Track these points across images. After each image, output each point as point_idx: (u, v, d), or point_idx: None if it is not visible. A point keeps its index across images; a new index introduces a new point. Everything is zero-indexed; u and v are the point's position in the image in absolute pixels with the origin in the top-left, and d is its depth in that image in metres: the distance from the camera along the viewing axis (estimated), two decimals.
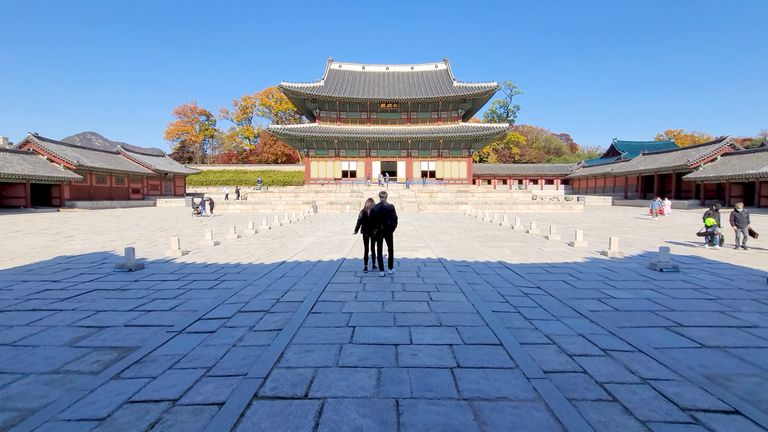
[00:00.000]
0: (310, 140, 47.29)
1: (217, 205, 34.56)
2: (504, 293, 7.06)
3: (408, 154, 48.57)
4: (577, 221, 23.99)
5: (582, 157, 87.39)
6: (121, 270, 9.05)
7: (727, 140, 41.90)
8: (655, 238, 15.80)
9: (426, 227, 19.55)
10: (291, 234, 17.10)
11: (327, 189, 43.28)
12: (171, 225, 21.60)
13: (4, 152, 34.37)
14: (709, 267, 9.67)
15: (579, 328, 5.24)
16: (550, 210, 34.84)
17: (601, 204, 49.44)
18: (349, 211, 33.37)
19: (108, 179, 44.47)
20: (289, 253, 11.75)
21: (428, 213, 32.01)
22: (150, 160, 52.59)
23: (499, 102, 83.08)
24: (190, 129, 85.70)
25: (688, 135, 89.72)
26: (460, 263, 10.02)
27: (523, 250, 12.42)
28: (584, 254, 11.54)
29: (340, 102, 48.09)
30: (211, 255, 11.44)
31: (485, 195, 41.27)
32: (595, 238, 15.33)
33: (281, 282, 7.91)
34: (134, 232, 17.71)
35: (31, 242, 14.30)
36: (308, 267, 9.51)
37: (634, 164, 52.83)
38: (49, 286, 7.73)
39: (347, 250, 12.13)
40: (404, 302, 6.43)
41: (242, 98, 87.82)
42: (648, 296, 6.95)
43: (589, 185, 64.42)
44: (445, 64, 54.09)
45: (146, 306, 6.38)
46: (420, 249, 12.33)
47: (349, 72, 54.13)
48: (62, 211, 33.86)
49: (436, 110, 49.20)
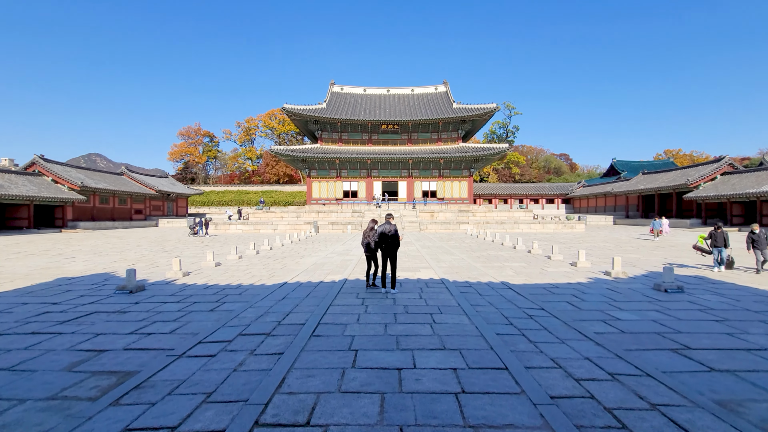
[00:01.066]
0: (312, 161, 47.77)
1: (219, 225, 34.74)
2: (508, 315, 6.98)
3: (409, 174, 48.92)
4: (579, 241, 23.90)
5: (582, 177, 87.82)
6: (122, 292, 9.00)
7: (726, 160, 42.18)
8: (658, 257, 15.70)
9: (428, 247, 19.50)
10: (292, 254, 17.06)
11: (328, 209, 43.42)
12: (173, 246, 21.59)
13: (9, 174, 34.76)
14: (714, 287, 9.57)
15: (585, 351, 5.16)
16: (552, 229, 34.78)
17: (603, 223, 49.36)
18: (350, 231, 33.35)
19: (111, 200, 44.75)
20: (290, 274, 11.70)
21: (429, 233, 31.98)
22: (153, 181, 53.04)
23: (499, 123, 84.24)
24: (193, 150, 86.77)
25: (686, 154, 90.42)
26: (463, 284, 9.94)
27: (526, 270, 12.34)
28: (587, 274, 11.45)
29: (342, 123, 48.81)
30: (212, 276, 11.39)
31: (486, 214, 41.30)
32: (598, 258, 15.25)
33: (283, 304, 7.85)
34: (136, 253, 17.69)
35: (32, 264, 14.28)
36: (310, 288, 9.45)
37: (634, 183, 53.04)
38: (49, 308, 7.68)
39: (349, 270, 12.07)
40: (407, 325, 6.36)
41: (245, 120, 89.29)
42: (654, 318, 6.86)
43: (590, 204, 64.50)
44: (444, 87, 55.15)
45: (146, 329, 6.31)
46: (422, 269, 12.26)
47: (350, 95, 55.19)
48: (64, 232, 33.93)
49: (436, 131, 49.85)
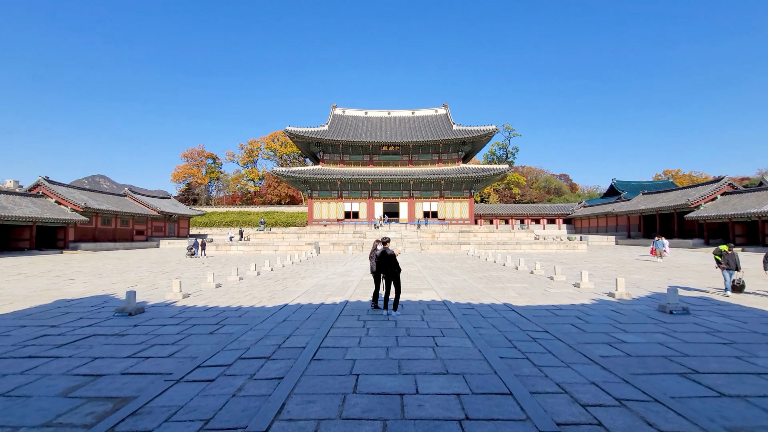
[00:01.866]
0: (314, 182, 48.13)
1: (220, 246, 34.78)
2: (511, 338, 6.87)
3: (410, 195, 49.16)
4: (581, 261, 23.76)
5: (582, 197, 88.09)
6: (121, 314, 8.92)
7: (725, 180, 42.39)
8: (661, 278, 15.56)
9: (429, 268, 19.38)
10: (293, 276, 16.96)
11: (330, 230, 43.43)
12: (173, 267, 21.52)
13: (13, 195, 35.05)
14: (720, 309, 9.45)
15: (591, 376, 5.05)
16: (554, 250, 34.62)
17: (605, 243, 49.16)
18: (351, 251, 33.25)
19: (113, 221, 44.91)
20: (291, 295, 11.61)
21: (431, 253, 31.85)
22: (155, 202, 53.36)
23: (499, 144, 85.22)
24: (196, 172, 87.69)
25: (686, 175, 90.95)
26: (465, 306, 9.84)
27: (529, 291, 12.23)
28: (591, 296, 11.33)
29: (344, 145, 49.44)
30: (212, 298, 11.30)
31: (488, 235, 41.22)
32: (601, 279, 15.12)
33: (283, 326, 7.76)
34: (136, 275, 17.61)
35: (32, 285, 14.21)
36: (311, 310, 9.35)
37: (635, 204, 53.14)
38: (46, 331, 7.59)
39: (350, 292, 11.97)
40: (409, 348, 6.26)
41: (248, 142, 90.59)
42: (660, 340, 6.75)
43: (591, 225, 64.42)
44: (444, 109, 56.11)
45: (145, 352, 6.22)
46: (424, 291, 12.16)
47: (352, 117, 56.13)
48: (65, 253, 33.90)
49: (437, 152, 50.40)
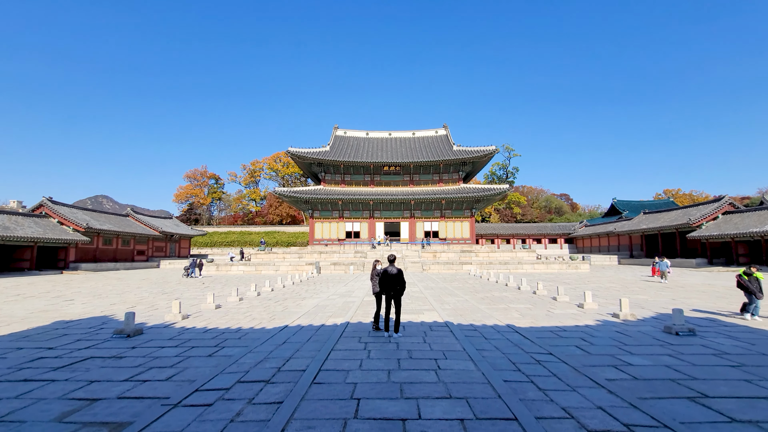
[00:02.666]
0: (315, 202, 48.34)
1: (220, 266, 34.69)
2: (515, 360, 6.75)
3: (411, 215, 49.25)
4: (584, 281, 23.55)
5: (584, 217, 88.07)
6: (119, 336, 8.81)
7: (726, 199, 42.46)
8: (666, 299, 15.39)
9: (431, 288, 19.22)
10: (294, 296, 16.82)
11: (331, 250, 43.32)
12: (173, 287, 21.38)
13: (16, 216, 35.22)
14: (726, 330, 9.30)
15: (597, 400, 4.94)
16: (556, 269, 34.37)
17: (608, 263, 48.82)
18: (352, 271, 33.06)
19: (114, 241, 44.91)
20: (291, 316, 11.48)
21: (432, 273, 31.64)
22: (157, 222, 53.50)
23: (499, 164, 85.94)
24: (199, 192, 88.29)
25: (686, 194, 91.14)
26: (468, 327, 9.71)
27: (532, 312, 12.08)
28: (595, 316, 11.19)
29: (345, 165, 49.92)
30: (211, 319, 11.18)
31: (489, 255, 41.04)
32: (605, 299, 14.95)
33: (283, 348, 7.64)
34: (135, 295, 17.49)
35: (30, 306, 14.10)
36: (311, 332, 9.24)
37: (637, 223, 53.07)
38: (43, 353, 7.49)
39: (351, 313, 11.84)
40: (411, 371, 6.15)
41: (251, 163, 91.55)
42: (667, 363, 6.62)
43: (593, 244, 64.16)
44: (444, 130, 56.90)
45: (142, 375, 6.12)
46: (426, 312, 12.02)
47: (353, 138, 56.90)
48: (65, 274, 33.77)
49: (437, 172, 50.80)
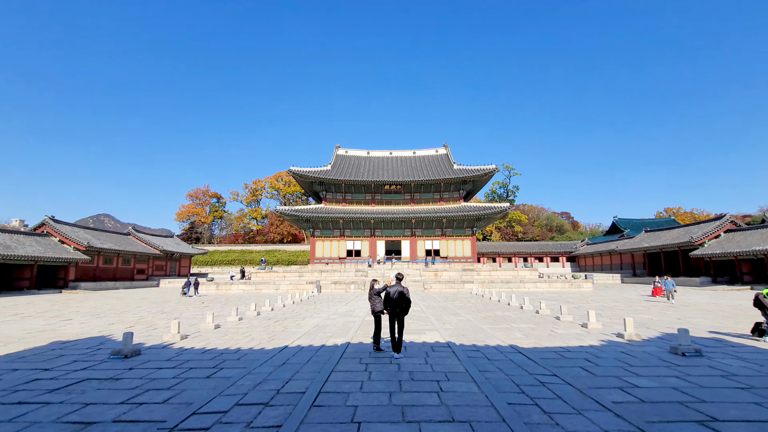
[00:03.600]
0: (316, 220, 48.41)
1: (220, 285, 34.52)
2: (519, 382, 6.62)
3: (412, 234, 49.18)
4: (587, 300, 23.29)
5: (585, 235, 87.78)
6: (117, 357, 8.69)
7: (727, 217, 42.39)
8: (671, 318, 15.18)
9: (432, 308, 19.01)
10: (294, 316, 16.64)
11: (331, 268, 43.09)
12: (172, 307, 21.19)
13: (18, 234, 35.27)
14: (734, 351, 9.14)
15: (604, 424, 4.81)
16: (559, 288, 34.05)
17: (611, 282, 48.39)
18: (353, 290, 32.78)
19: (115, 260, 44.78)
20: (291, 337, 11.33)
21: (434, 292, 31.35)
22: (158, 241, 53.46)
23: (499, 183, 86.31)
24: (200, 211, 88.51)
25: (687, 212, 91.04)
26: (470, 347, 9.56)
27: (535, 332, 11.91)
28: (599, 337, 11.02)
29: (346, 184, 50.22)
30: (210, 339, 11.04)
31: (491, 273, 40.75)
32: (609, 319, 14.75)
33: (282, 370, 7.52)
34: (134, 315, 17.32)
35: (28, 326, 13.96)
36: (311, 353, 9.10)
37: (639, 241, 52.85)
38: (39, 375, 7.38)
39: (351, 333, 11.69)
40: (413, 393, 6.03)
41: (253, 182, 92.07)
42: (674, 384, 6.48)
43: (596, 263, 63.74)
44: (445, 149, 57.46)
45: (139, 398, 6.01)
46: (427, 332, 11.86)
47: (354, 157, 57.44)
48: (64, 293, 33.53)
49: (438, 191, 51.02)
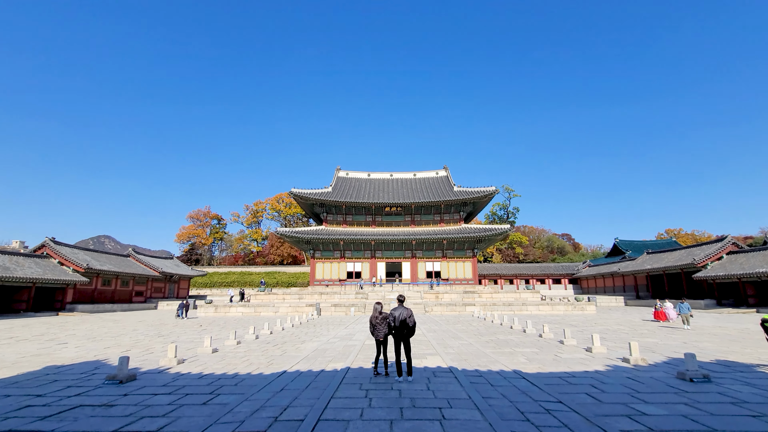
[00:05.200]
0: (317, 242, 48.32)
1: (219, 308, 34.22)
2: (523, 409, 6.44)
3: (413, 255, 48.98)
4: (591, 323, 22.93)
5: (586, 257, 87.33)
6: (112, 382, 8.50)
7: (729, 239, 42.27)
8: (677, 342, 14.91)
9: (434, 331, 18.72)
10: (293, 339, 16.36)
11: (331, 290, 42.69)
12: (170, 330, 20.88)
13: (17, 256, 35.18)
14: (743, 377, 8.92)
15: None
16: (562, 311, 33.59)
17: (614, 304, 47.78)
18: (353, 313, 32.36)
19: (113, 282, 44.47)
20: (290, 361, 11.11)
21: (435, 315, 30.92)
22: (158, 263, 53.22)
23: (499, 204, 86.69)
24: (201, 232, 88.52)
25: (688, 234, 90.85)
26: (473, 373, 9.35)
27: (538, 356, 11.67)
28: (605, 361, 10.79)
29: (347, 206, 50.42)
30: (208, 364, 10.82)
31: (493, 296, 40.31)
32: (614, 343, 14.49)
33: (281, 396, 7.33)
34: (131, 338, 17.05)
35: (22, 350, 13.72)
36: (310, 378, 8.90)
37: (641, 263, 52.52)
38: (31, 401, 7.20)
39: (351, 358, 11.46)
40: (414, 421, 5.86)
41: (254, 203, 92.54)
42: (683, 412, 6.30)
43: (598, 285, 63.13)
44: (445, 171, 57.99)
45: (132, 426, 5.84)
46: (429, 356, 11.63)
47: (355, 179, 57.92)
48: (61, 315, 33.12)
49: (438, 213, 51.15)
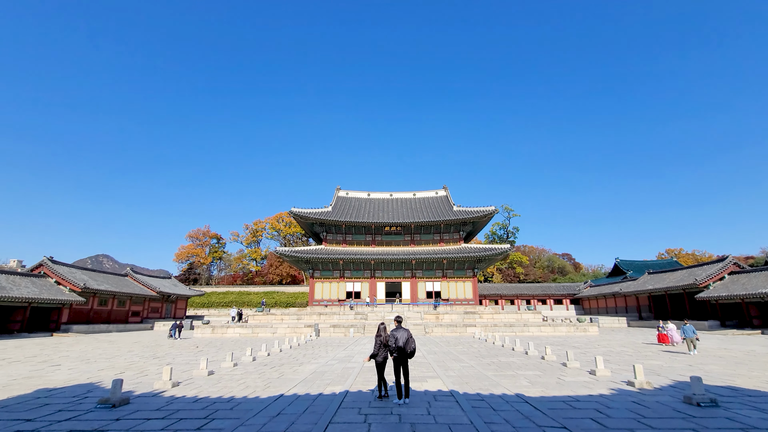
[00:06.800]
0: (316, 261, 48.05)
1: (216, 328, 33.77)
2: None
3: (412, 275, 48.62)
4: (593, 345, 22.55)
5: (587, 277, 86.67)
6: (104, 406, 8.28)
7: (730, 259, 42.06)
8: (682, 365, 14.63)
9: (434, 353, 18.38)
10: (291, 361, 16.05)
11: (330, 311, 42.17)
12: (165, 351, 20.50)
13: (14, 275, 34.88)
14: (751, 401, 8.72)
15: None
16: (564, 333, 33.09)
17: (616, 325, 47.13)
18: (353, 334, 31.85)
19: (110, 302, 43.93)
20: (287, 384, 10.86)
21: (435, 336, 30.42)
22: (155, 282, 52.75)
23: (499, 224, 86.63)
24: (200, 252, 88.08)
25: (689, 254, 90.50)
26: (474, 397, 9.13)
27: (541, 380, 11.42)
28: (609, 385, 10.56)
29: (347, 225, 50.39)
30: (203, 387, 10.57)
31: (494, 316, 39.80)
32: (618, 365, 14.21)
33: (277, 421, 7.14)
34: (125, 360, 16.72)
35: (14, 372, 13.43)
36: (307, 402, 8.68)
37: (642, 283, 52.06)
38: (20, 426, 7.00)
39: (350, 381, 11.22)
40: None
41: (254, 222, 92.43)
42: None
43: (600, 305, 62.40)
44: (444, 191, 58.25)
45: None
46: (429, 379, 11.39)
47: (355, 198, 58.12)
48: (55, 336, 32.56)
49: (438, 232, 51.09)
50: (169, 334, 31.24)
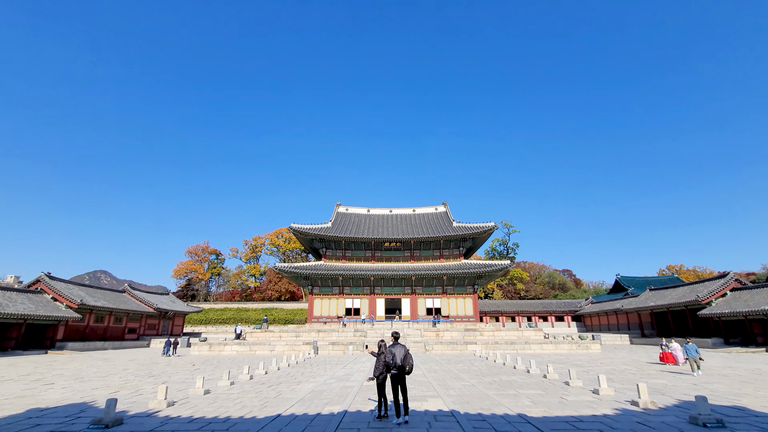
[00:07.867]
0: (315, 277, 47.77)
1: (213, 346, 33.35)
2: None
3: (412, 291, 48.26)
4: (596, 363, 22.21)
5: (588, 293, 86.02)
6: (97, 427, 8.11)
7: (731, 275, 41.83)
8: (686, 384, 14.39)
9: (434, 371, 18.09)
10: (289, 380, 15.77)
11: (329, 328, 41.67)
12: (161, 369, 20.16)
13: (10, 292, 34.59)
14: (758, 421, 8.55)
15: None
16: (566, 350, 32.63)
17: (619, 343, 46.53)
18: (352, 352, 31.39)
19: (106, 318, 43.41)
20: (285, 404, 10.66)
21: (435, 354, 29.98)
22: (153, 299, 52.27)
23: (499, 240, 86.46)
24: (198, 267, 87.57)
25: (690, 270, 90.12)
26: (476, 417, 8.95)
27: (544, 399, 11.22)
28: (613, 404, 10.36)
29: (346, 241, 50.30)
30: (199, 406, 10.37)
31: (495, 333, 39.31)
32: (621, 384, 13.98)
33: None
34: (120, 378, 16.43)
35: (6, 391, 13.18)
36: (305, 422, 8.50)
37: (644, 300, 51.64)
38: None
39: (349, 400, 11.01)
40: None
41: (253, 238, 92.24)
42: None
43: (602, 322, 61.73)
44: (444, 207, 58.38)
45: None
46: (429, 398, 11.18)
47: (355, 215, 58.18)
48: (50, 354, 32.06)
49: (438, 248, 50.96)
50: (163, 351, 30.50)
